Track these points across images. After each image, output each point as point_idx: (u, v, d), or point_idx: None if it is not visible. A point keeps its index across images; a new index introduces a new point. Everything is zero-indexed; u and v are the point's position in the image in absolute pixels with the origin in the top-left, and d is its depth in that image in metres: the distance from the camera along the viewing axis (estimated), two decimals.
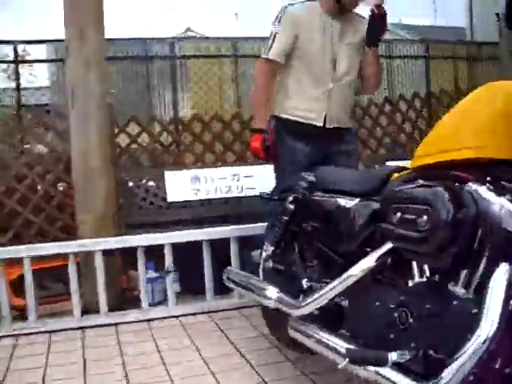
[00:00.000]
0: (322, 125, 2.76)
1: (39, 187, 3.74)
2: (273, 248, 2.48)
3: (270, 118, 2.79)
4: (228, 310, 3.23)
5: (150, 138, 4.22)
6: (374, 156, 4.60)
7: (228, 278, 2.70)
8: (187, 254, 3.32)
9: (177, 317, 3.22)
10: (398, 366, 1.52)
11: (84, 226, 3.38)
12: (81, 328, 3.12)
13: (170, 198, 3.69)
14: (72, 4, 3.37)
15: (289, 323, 2.10)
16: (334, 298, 1.94)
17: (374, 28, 2.72)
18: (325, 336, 1.89)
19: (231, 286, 2.70)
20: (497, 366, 1.37)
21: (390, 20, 2.78)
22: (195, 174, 3.67)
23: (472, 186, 1.47)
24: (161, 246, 3.27)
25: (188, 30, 12.70)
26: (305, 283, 2.16)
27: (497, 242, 1.40)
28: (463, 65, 7.11)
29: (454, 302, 1.47)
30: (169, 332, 3.01)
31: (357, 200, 2.01)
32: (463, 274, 1.48)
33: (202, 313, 3.23)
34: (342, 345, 1.77)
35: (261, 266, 2.61)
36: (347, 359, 1.62)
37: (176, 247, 3.29)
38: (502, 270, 1.36)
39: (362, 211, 1.95)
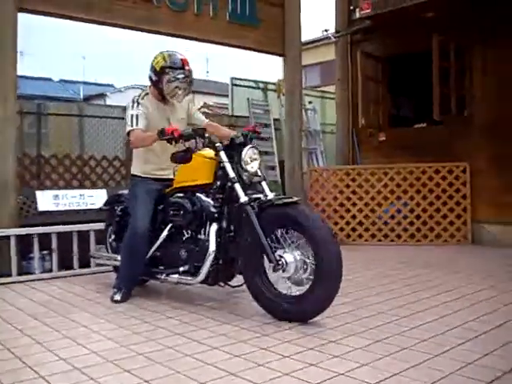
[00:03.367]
0: (172, 177, 4.02)
1: None
2: (114, 235, 4.45)
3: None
4: (88, 274, 5.02)
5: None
6: None
7: (94, 256, 4.65)
8: (61, 242, 4.92)
9: (58, 278, 4.82)
10: (184, 273, 3.67)
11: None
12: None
13: (40, 208, 5.34)
14: None
15: None
16: (154, 252, 3.97)
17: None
18: (156, 269, 3.92)
19: (97, 260, 4.65)
20: (220, 262, 3.57)
21: None
22: (56, 193, 5.38)
23: (198, 195, 3.64)
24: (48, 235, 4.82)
25: None
26: None
27: (208, 215, 3.57)
28: None
29: (200, 241, 3.62)
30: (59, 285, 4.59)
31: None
32: (202, 229, 3.63)
33: (75, 275, 4.95)
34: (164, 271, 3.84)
35: (108, 245, 4.58)
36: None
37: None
38: (214, 226, 3.53)
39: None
